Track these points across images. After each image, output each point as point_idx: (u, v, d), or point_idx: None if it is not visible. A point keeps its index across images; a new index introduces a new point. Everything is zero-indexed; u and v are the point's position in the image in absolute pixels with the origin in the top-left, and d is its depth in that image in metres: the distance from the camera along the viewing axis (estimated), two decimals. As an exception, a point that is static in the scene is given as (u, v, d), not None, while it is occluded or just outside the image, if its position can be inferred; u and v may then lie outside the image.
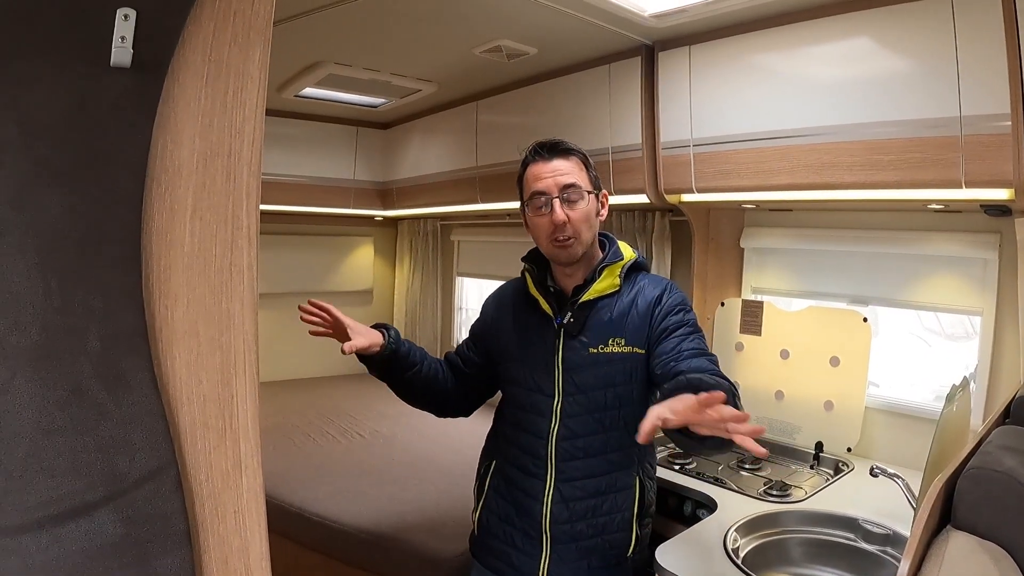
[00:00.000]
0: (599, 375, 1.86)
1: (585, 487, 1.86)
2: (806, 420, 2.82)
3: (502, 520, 1.94)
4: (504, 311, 2.04)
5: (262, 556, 0.94)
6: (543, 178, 1.84)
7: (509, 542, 1.92)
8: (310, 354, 5.26)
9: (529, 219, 1.89)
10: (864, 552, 2.06)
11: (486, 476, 2.03)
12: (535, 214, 1.85)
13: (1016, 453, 1.41)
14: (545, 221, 1.83)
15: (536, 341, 1.90)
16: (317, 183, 4.59)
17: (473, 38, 2.84)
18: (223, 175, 0.88)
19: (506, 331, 2.00)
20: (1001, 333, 2.41)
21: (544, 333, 1.89)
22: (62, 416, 0.80)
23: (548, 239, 1.84)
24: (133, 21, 0.82)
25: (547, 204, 1.83)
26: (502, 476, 1.98)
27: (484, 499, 2.01)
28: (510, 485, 1.94)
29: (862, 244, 2.76)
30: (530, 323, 1.92)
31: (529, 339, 1.92)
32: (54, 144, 0.79)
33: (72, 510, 0.80)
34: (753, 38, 2.45)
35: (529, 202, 1.86)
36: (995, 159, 1.91)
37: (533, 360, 1.90)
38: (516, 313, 1.99)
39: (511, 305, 2.03)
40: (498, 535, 1.95)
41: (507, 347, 1.98)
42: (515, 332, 1.97)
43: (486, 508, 2.00)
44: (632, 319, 1.87)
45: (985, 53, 1.89)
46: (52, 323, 0.79)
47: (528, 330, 1.92)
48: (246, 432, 0.92)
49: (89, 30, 0.81)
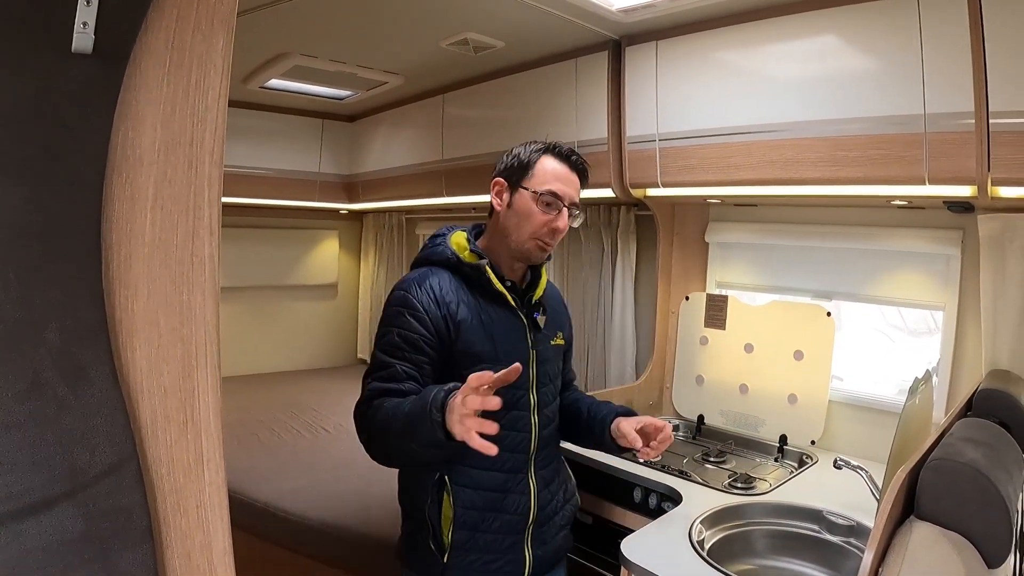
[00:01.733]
0: (555, 365, 2.01)
1: (554, 467, 1.98)
2: (770, 413, 2.85)
3: (479, 531, 1.80)
4: (460, 309, 1.79)
5: (225, 551, 0.93)
6: (565, 184, 1.86)
7: (491, 548, 1.81)
8: (273, 349, 5.25)
9: (526, 206, 1.84)
10: (828, 543, 2.09)
11: (438, 493, 1.78)
12: (540, 208, 1.83)
13: (978, 445, 1.43)
14: (545, 220, 1.83)
15: (510, 336, 1.86)
16: (282, 176, 4.57)
17: (440, 31, 2.83)
18: (185, 164, 0.87)
19: (472, 330, 1.79)
20: (963, 328, 2.46)
21: (515, 327, 1.87)
22: (21, 410, 0.78)
23: (534, 236, 1.84)
24: (95, 6, 0.80)
25: (556, 207, 1.84)
26: (468, 484, 1.79)
27: (453, 518, 1.77)
28: (482, 490, 1.81)
29: (826, 239, 2.80)
30: (498, 318, 1.85)
31: (503, 335, 1.85)
32: (12, 132, 0.77)
33: (32, 505, 0.79)
34: (720, 34, 2.47)
35: (541, 196, 1.83)
36: (958, 156, 1.94)
37: (507, 354, 1.79)
38: (481, 309, 1.83)
39: (469, 302, 1.81)
40: (478, 546, 1.80)
41: (477, 348, 1.79)
42: (482, 329, 1.81)
43: (458, 527, 1.77)
44: (560, 314, 2.09)
45: (950, 51, 1.92)
46: (10, 316, 0.77)
47: (497, 325, 1.84)
48: (208, 425, 0.90)
49: (50, 15, 0.79)
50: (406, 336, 1.73)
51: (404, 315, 1.74)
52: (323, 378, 5.12)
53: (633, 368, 3.36)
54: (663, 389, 3.27)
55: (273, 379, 5.07)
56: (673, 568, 1.79)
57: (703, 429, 3.04)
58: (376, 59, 3.34)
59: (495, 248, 1.90)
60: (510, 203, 1.87)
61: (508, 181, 1.87)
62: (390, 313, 1.78)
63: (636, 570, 1.82)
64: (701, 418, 3.06)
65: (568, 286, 3.63)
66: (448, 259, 1.85)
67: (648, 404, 3.19)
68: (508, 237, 1.86)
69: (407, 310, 1.75)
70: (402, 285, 1.81)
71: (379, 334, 1.79)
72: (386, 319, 1.78)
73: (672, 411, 3.21)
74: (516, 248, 1.87)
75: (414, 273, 1.85)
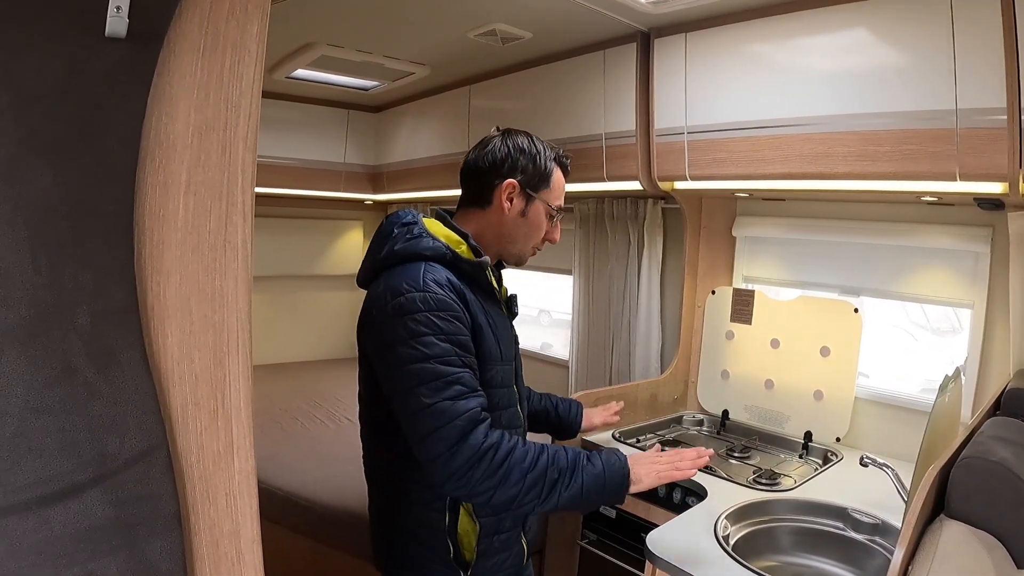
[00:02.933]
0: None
1: None
2: (795, 409, 2.83)
3: (498, 533, 1.75)
4: (470, 310, 1.66)
5: (253, 539, 0.92)
6: (563, 196, 1.88)
7: (504, 548, 1.78)
8: (297, 338, 5.28)
9: (539, 219, 1.83)
10: (853, 541, 2.07)
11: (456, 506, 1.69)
12: (547, 220, 1.85)
13: (1008, 443, 1.42)
14: (545, 230, 1.85)
15: (507, 334, 1.82)
16: (307, 166, 4.58)
17: (468, 21, 2.82)
18: (218, 150, 0.86)
19: (485, 331, 1.68)
20: (991, 326, 2.43)
21: (506, 324, 1.85)
22: (51, 395, 0.78)
23: (534, 244, 1.87)
24: (129, -9, 0.80)
25: (556, 219, 1.86)
26: None
27: (479, 528, 1.70)
28: None
29: (854, 235, 2.76)
30: (496, 316, 1.78)
31: (503, 334, 1.78)
32: (46, 115, 0.77)
33: (61, 491, 0.78)
34: (750, 26, 2.44)
35: (557, 210, 1.85)
36: (990, 153, 1.91)
37: (509, 354, 1.81)
38: (485, 309, 1.72)
39: (475, 301, 1.69)
40: (495, 549, 1.75)
41: (491, 349, 1.70)
42: (491, 330, 1.71)
43: (484, 535, 1.71)
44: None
45: (982, 47, 1.89)
46: (41, 299, 0.77)
47: (498, 324, 1.77)
48: (238, 413, 0.90)
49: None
50: (457, 339, 1.57)
51: (444, 317, 1.56)
52: (346, 368, 5.12)
53: (658, 362, 3.34)
54: (688, 383, 3.25)
55: (297, 368, 5.09)
56: (698, 563, 1.77)
57: (727, 424, 3.03)
58: (403, 49, 3.34)
59: (486, 244, 1.81)
60: (524, 211, 1.80)
61: (524, 187, 1.79)
62: (422, 319, 1.54)
63: (662, 564, 1.81)
64: (726, 413, 3.04)
65: (594, 279, 3.61)
66: (444, 254, 1.67)
67: (673, 398, 3.18)
68: (512, 242, 1.83)
69: (445, 311, 1.56)
70: (417, 284, 1.57)
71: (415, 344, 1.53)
72: (418, 326, 1.54)
73: (696, 406, 3.20)
74: (514, 253, 1.86)
75: (418, 269, 1.62)
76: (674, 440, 2.81)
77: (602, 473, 1.61)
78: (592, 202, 3.55)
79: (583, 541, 2.66)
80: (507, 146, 1.81)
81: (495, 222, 1.81)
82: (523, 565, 1.86)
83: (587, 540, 2.65)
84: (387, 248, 1.69)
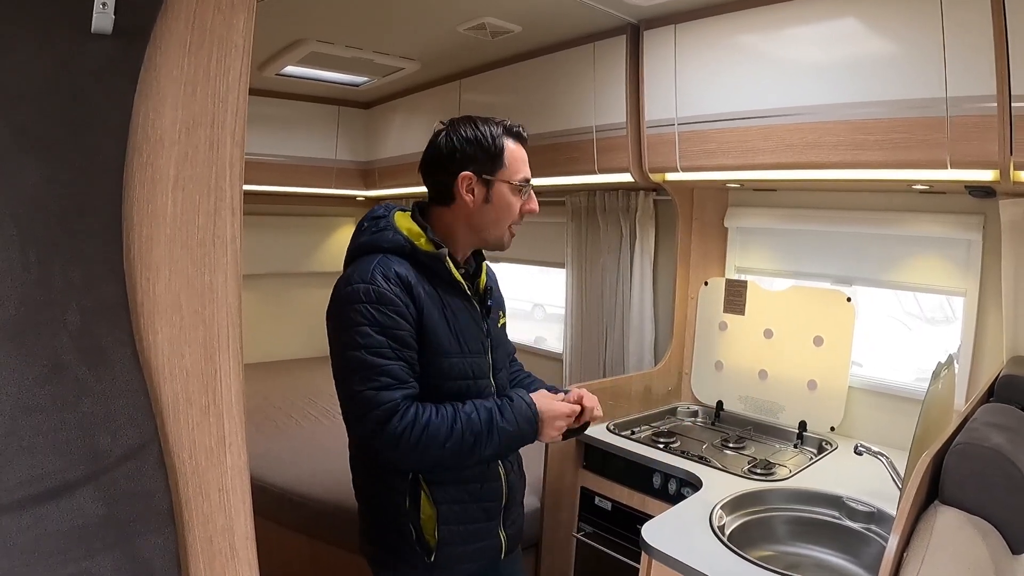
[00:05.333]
0: (506, 347, 2.05)
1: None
2: (790, 399, 2.83)
3: (463, 523, 1.79)
4: (425, 302, 1.69)
5: (247, 535, 0.93)
6: (527, 164, 1.83)
7: (474, 538, 1.81)
8: (290, 335, 5.26)
9: (506, 199, 1.79)
10: (848, 529, 2.07)
11: (415, 494, 1.74)
12: (517, 197, 1.80)
13: (1002, 430, 1.42)
14: (519, 207, 1.81)
15: (470, 327, 1.80)
16: (299, 163, 4.56)
17: (457, 15, 2.82)
18: (206, 145, 0.86)
19: (438, 323, 1.71)
20: (984, 314, 2.43)
21: (473, 316, 1.82)
22: (42, 393, 0.78)
23: (510, 224, 1.82)
24: (114, -14, 0.79)
25: (527, 191, 1.82)
26: (447, 481, 1.77)
27: (436, 517, 1.74)
28: (462, 483, 1.79)
29: (846, 224, 2.77)
30: (458, 309, 1.78)
31: (464, 326, 1.78)
32: (33, 112, 0.77)
33: (53, 489, 0.78)
34: (739, 17, 2.44)
35: (522, 185, 1.80)
36: (980, 140, 1.91)
37: (474, 347, 1.80)
38: (441, 301, 1.74)
39: (431, 293, 1.71)
40: (463, 538, 1.78)
41: (443, 341, 1.72)
42: (446, 322, 1.73)
43: (442, 523, 1.74)
44: (499, 294, 2.04)
45: (971, 34, 1.89)
46: (31, 297, 0.77)
47: (459, 317, 1.77)
48: (230, 408, 0.90)
49: (69, -6, 0.79)
50: (393, 333, 1.62)
51: (382, 310, 1.61)
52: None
53: (652, 354, 3.34)
54: (682, 375, 3.25)
55: (290, 365, 5.08)
56: (694, 553, 1.78)
57: (722, 415, 3.03)
58: (393, 44, 3.33)
59: (452, 236, 1.80)
60: (487, 198, 1.77)
61: (478, 175, 1.76)
62: (362, 310, 1.60)
63: (657, 555, 1.82)
64: (720, 404, 3.04)
65: (586, 272, 3.61)
66: (402, 246, 1.71)
67: (667, 390, 3.18)
68: (485, 229, 1.81)
69: (384, 306, 1.61)
70: (365, 277, 1.63)
71: (352, 334, 1.61)
72: (357, 316, 1.61)
73: (691, 397, 3.20)
74: (492, 240, 1.83)
75: (372, 262, 1.67)
76: (668, 431, 2.81)
77: (517, 431, 1.71)
78: (584, 195, 3.55)
79: (579, 534, 2.67)
80: (452, 140, 1.78)
81: (463, 215, 1.78)
82: (498, 559, 1.87)
83: (583, 532, 2.66)
84: (355, 241, 1.78)
